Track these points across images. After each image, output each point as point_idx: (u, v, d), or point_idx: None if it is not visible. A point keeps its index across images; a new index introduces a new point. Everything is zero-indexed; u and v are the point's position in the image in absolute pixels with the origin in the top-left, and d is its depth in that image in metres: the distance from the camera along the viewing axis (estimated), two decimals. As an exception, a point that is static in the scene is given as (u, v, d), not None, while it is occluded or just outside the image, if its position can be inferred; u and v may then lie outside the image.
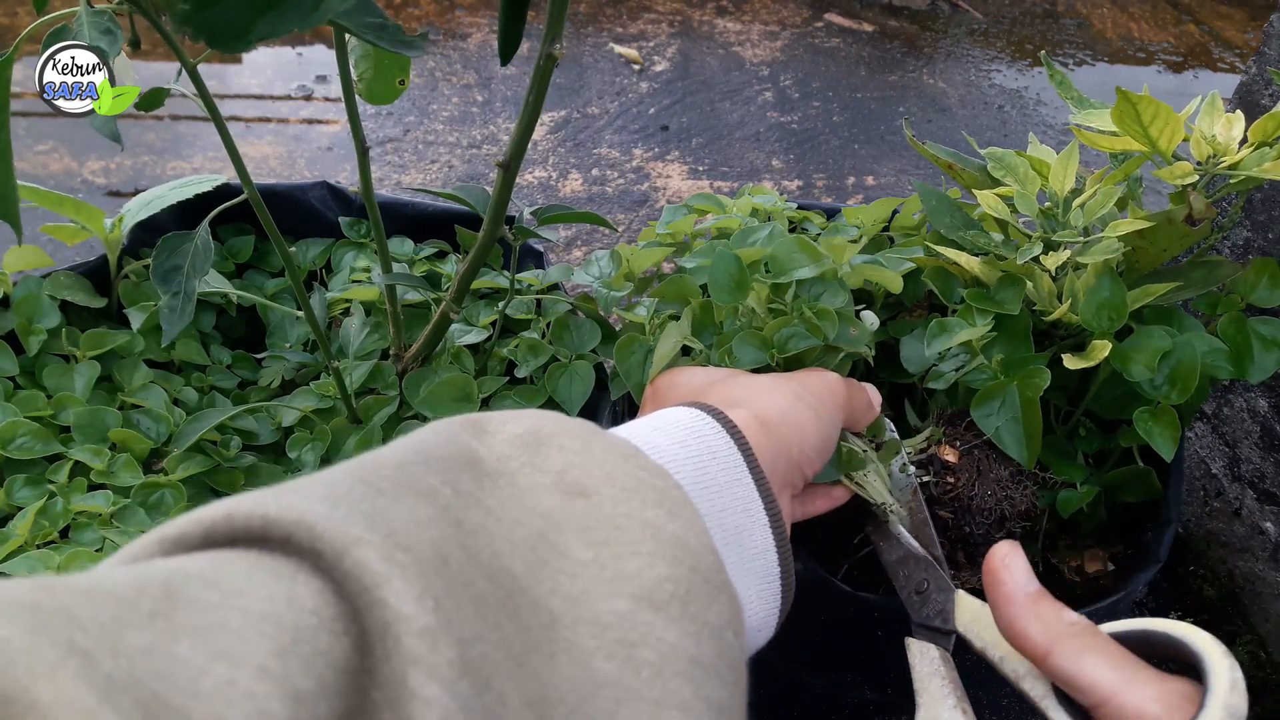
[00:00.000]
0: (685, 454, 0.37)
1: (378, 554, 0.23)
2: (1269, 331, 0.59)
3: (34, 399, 0.71)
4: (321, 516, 0.23)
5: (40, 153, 1.48)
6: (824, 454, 0.45)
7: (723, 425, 0.39)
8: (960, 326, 0.57)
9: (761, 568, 0.37)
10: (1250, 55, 1.67)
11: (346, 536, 0.23)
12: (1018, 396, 0.55)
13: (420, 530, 0.25)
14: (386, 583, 0.22)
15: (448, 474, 0.28)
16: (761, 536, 0.37)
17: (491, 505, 0.28)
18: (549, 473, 0.31)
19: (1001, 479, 0.60)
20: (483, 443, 0.31)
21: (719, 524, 0.36)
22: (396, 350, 0.77)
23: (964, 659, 0.43)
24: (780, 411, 0.43)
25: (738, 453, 0.38)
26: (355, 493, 0.25)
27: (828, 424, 0.45)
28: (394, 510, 0.25)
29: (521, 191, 1.55)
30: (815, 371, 0.49)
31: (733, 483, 0.37)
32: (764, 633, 0.38)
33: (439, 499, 0.26)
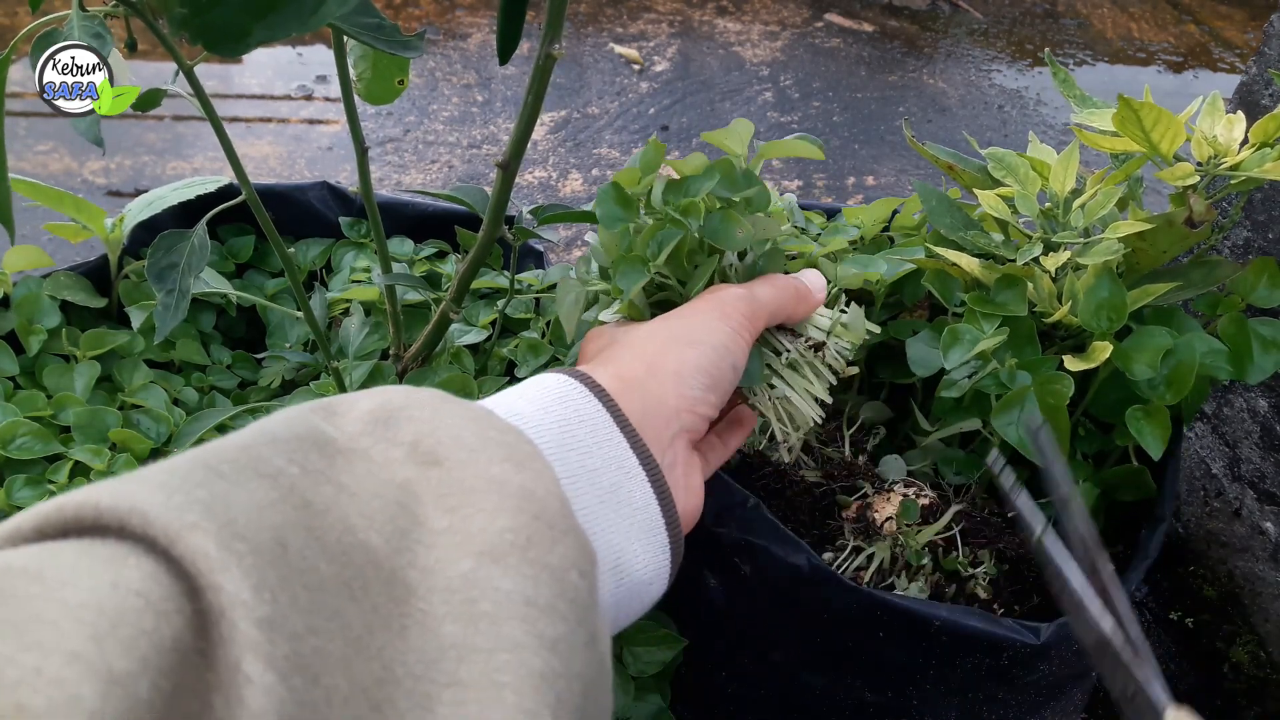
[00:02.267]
0: (550, 419, 0.37)
1: (214, 541, 0.23)
2: (1269, 332, 0.59)
3: (34, 399, 0.71)
4: (156, 504, 0.23)
5: (40, 153, 1.48)
6: (716, 386, 0.44)
7: (588, 387, 0.40)
8: (972, 334, 0.57)
9: (644, 521, 0.38)
10: (1250, 55, 1.67)
11: (181, 522, 0.23)
12: (1038, 404, 0.55)
13: (260, 515, 0.25)
14: (224, 569, 0.22)
15: (295, 453, 0.28)
16: (641, 491, 0.38)
17: (345, 481, 0.28)
18: (402, 444, 0.31)
19: (994, 524, 0.60)
20: (333, 423, 0.31)
21: (592, 483, 0.37)
22: (396, 350, 0.77)
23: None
24: (648, 362, 0.43)
25: (605, 413, 0.39)
26: (194, 477, 0.25)
27: (715, 352, 0.44)
28: (234, 494, 0.25)
29: (521, 191, 1.55)
30: (703, 296, 0.48)
31: (603, 442, 0.38)
32: (656, 585, 0.39)
33: (284, 479, 0.27)
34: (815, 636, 0.57)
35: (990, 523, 0.61)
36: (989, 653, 0.53)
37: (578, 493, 0.36)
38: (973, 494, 0.63)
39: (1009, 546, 0.60)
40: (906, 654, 0.54)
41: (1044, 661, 0.54)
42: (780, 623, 0.59)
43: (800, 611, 0.57)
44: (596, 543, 0.36)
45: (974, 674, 0.54)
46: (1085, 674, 0.60)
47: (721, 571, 0.61)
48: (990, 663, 0.53)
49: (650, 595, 0.39)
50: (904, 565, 0.58)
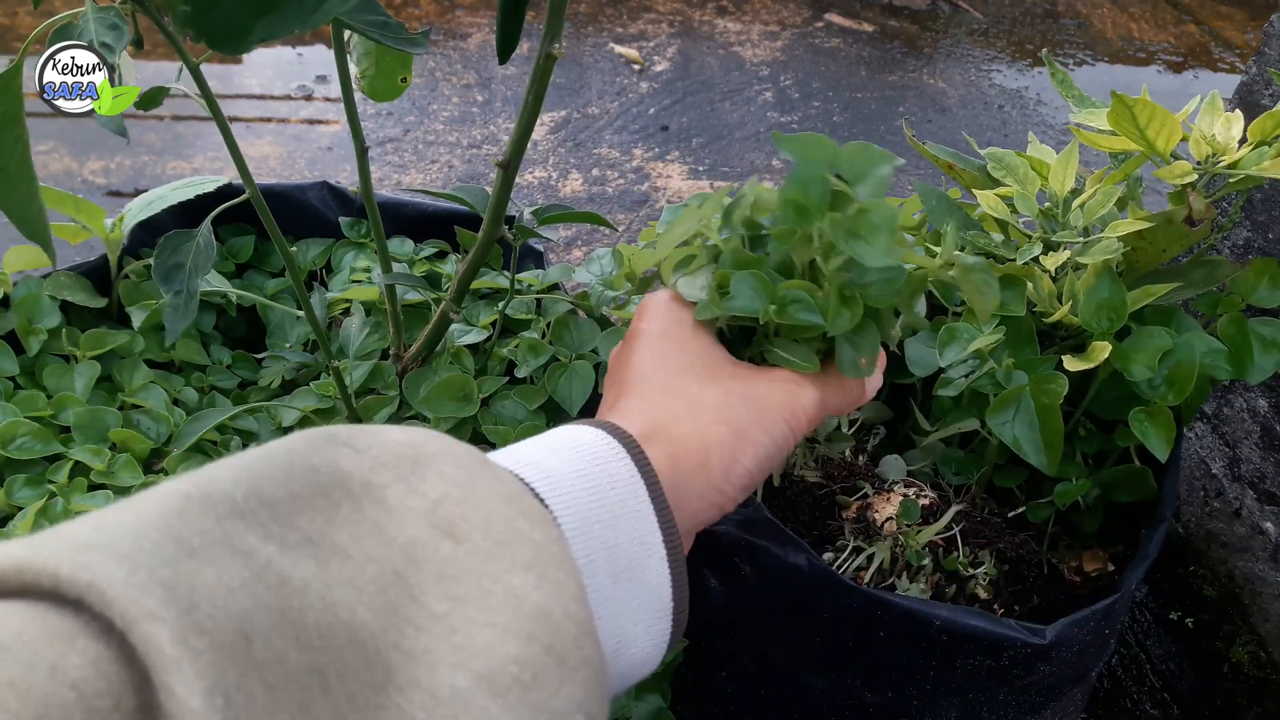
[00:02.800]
0: (582, 486, 0.35)
1: (170, 633, 0.21)
2: (1269, 332, 0.59)
3: (34, 399, 0.71)
4: (116, 581, 0.22)
5: (40, 153, 1.48)
6: (757, 478, 0.41)
7: (627, 450, 0.37)
8: (969, 333, 0.57)
9: (654, 602, 0.36)
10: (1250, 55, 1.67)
11: (140, 608, 0.22)
12: (1033, 403, 0.55)
13: (228, 599, 0.23)
14: (176, 668, 0.21)
15: (283, 519, 0.26)
16: (657, 571, 0.36)
17: (341, 541, 0.27)
18: (423, 497, 0.29)
19: (994, 524, 0.60)
20: (354, 451, 0.29)
21: (610, 559, 0.35)
22: (396, 350, 0.77)
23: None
24: (705, 448, 0.39)
25: (640, 482, 0.36)
26: (162, 553, 0.23)
27: (771, 458, 0.41)
28: (201, 576, 0.23)
29: (521, 191, 1.55)
30: (783, 381, 0.43)
31: (631, 514, 0.36)
32: (648, 666, 0.37)
33: (258, 558, 0.25)
34: (815, 636, 0.57)
35: (990, 523, 0.61)
36: (990, 653, 0.53)
37: (594, 572, 0.34)
38: (973, 494, 0.63)
39: (1009, 547, 0.60)
40: (907, 654, 0.54)
41: (1045, 662, 0.54)
42: (780, 623, 0.59)
43: (800, 611, 0.57)
44: (601, 626, 0.34)
45: (974, 674, 0.54)
46: (1085, 674, 0.60)
47: (721, 571, 0.61)
48: (991, 663, 0.53)
49: (639, 675, 0.37)
50: (904, 565, 0.58)
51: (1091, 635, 0.54)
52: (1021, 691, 0.57)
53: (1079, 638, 0.53)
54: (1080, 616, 0.53)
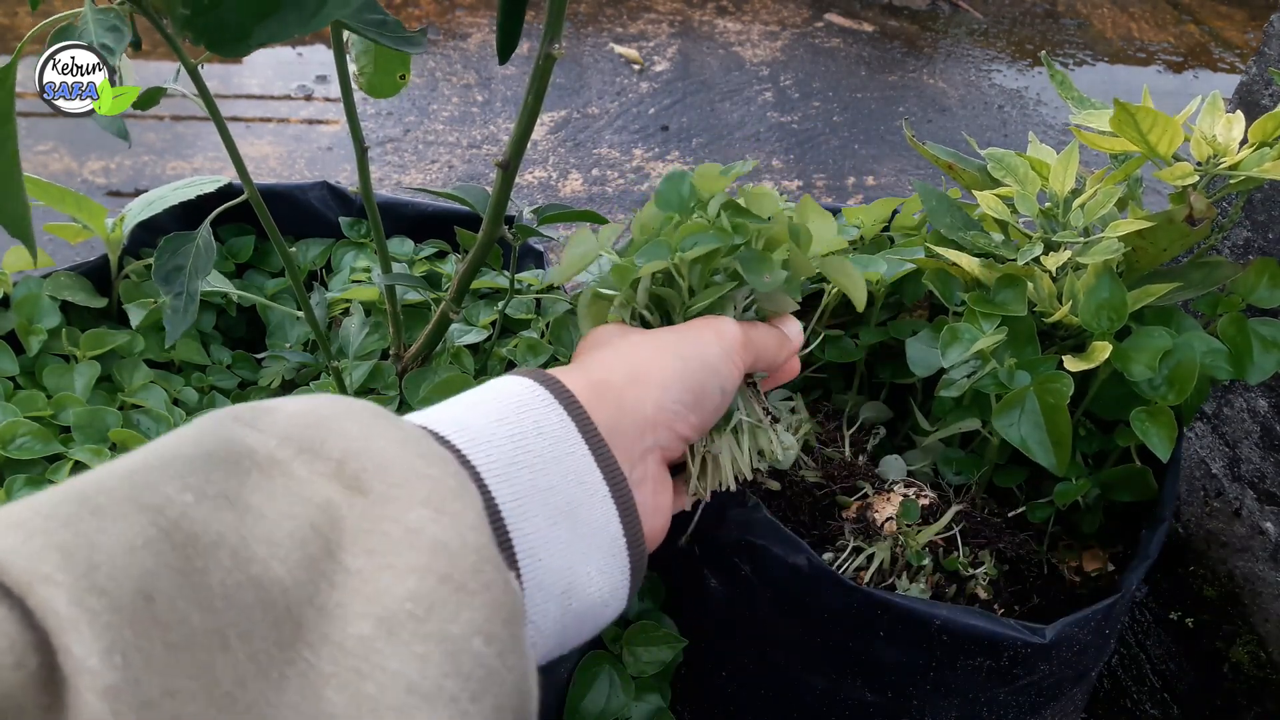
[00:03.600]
0: (503, 432, 0.35)
1: (65, 596, 0.21)
2: (1269, 332, 0.59)
3: (34, 399, 0.71)
4: (8, 550, 0.22)
5: (40, 153, 1.48)
6: (699, 405, 0.42)
7: (554, 394, 0.38)
8: (971, 333, 0.57)
9: (603, 540, 0.37)
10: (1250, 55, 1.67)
11: (34, 573, 0.22)
12: (1038, 403, 0.55)
13: (130, 558, 0.23)
14: (73, 628, 0.21)
15: (195, 475, 0.26)
16: (602, 508, 0.37)
17: (254, 502, 0.27)
18: (328, 460, 0.29)
19: (994, 524, 0.60)
20: (256, 431, 0.29)
21: (544, 503, 0.35)
22: (396, 350, 0.77)
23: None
24: (631, 368, 0.41)
25: (570, 423, 0.37)
26: (61, 514, 0.24)
27: (704, 370, 0.43)
28: (104, 534, 0.23)
29: (521, 191, 1.55)
30: (700, 319, 0.47)
31: (564, 456, 0.36)
32: (612, 606, 0.38)
33: (170, 511, 0.25)
34: (815, 636, 0.57)
35: (990, 523, 0.61)
36: (990, 653, 0.53)
37: (526, 515, 0.34)
38: (973, 494, 0.63)
39: (1009, 547, 0.60)
40: (907, 654, 0.54)
41: (1045, 662, 0.54)
42: (780, 622, 0.59)
43: (801, 611, 0.57)
44: (539, 570, 0.34)
45: (974, 674, 0.54)
46: (1085, 674, 0.60)
47: (721, 571, 0.61)
48: (991, 663, 0.53)
49: (606, 615, 0.38)
50: (904, 565, 0.58)
51: (1092, 635, 0.54)
52: (1022, 691, 0.57)
53: (1079, 637, 0.53)
54: (1080, 616, 0.53)
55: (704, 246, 0.47)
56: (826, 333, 0.67)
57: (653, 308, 0.51)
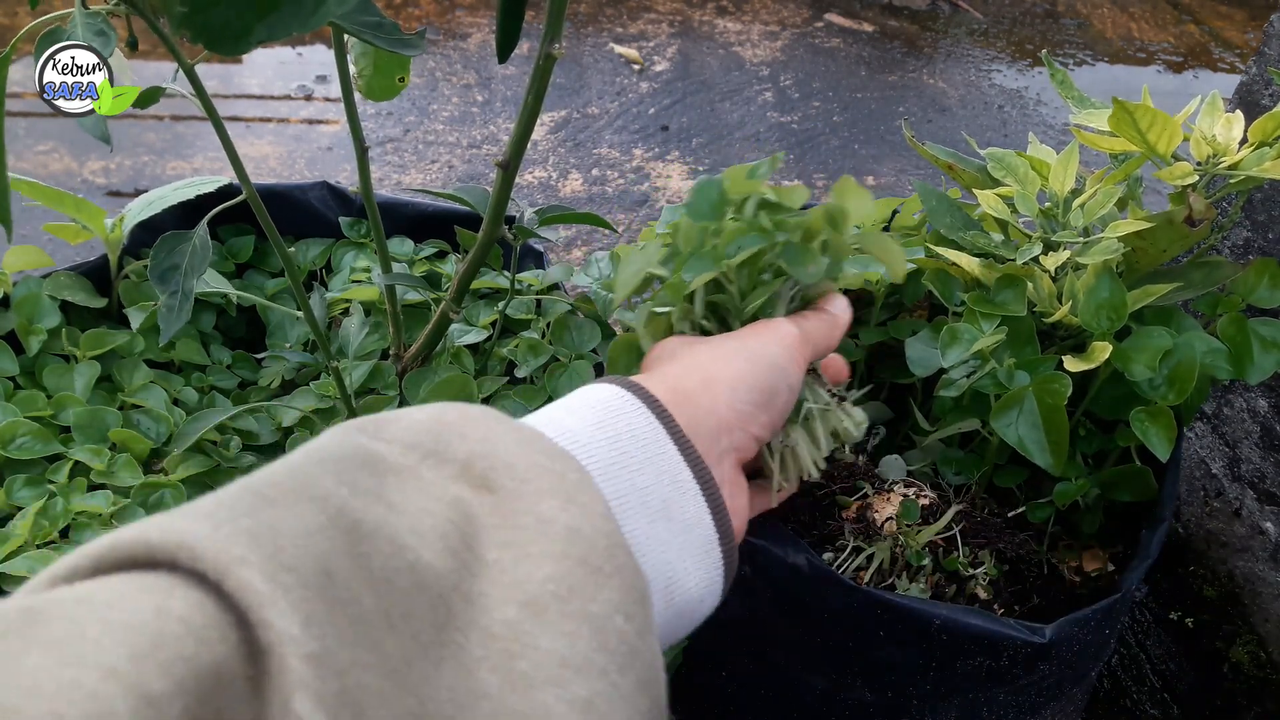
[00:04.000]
0: (601, 436, 0.37)
1: (260, 574, 0.23)
2: (1269, 333, 0.59)
3: (34, 399, 0.71)
4: (202, 537, 0.23)
5: (40, 153, 1.48)
6: (769, 404, 0.44)
7: (642, 400, 0.39)
8: (971, 333, 0.57)
9: (699, 537, 0.38)
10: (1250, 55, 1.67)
11: (229, 555, 0.23)
12: (1036, 403, 0.55)
13: (307, 541, 0.25)
14: (271, 603, 0.22)
15: (345, 473, 0.28)
16: (694, 506, 0.38)
17: (395, 500, 0.28)
18: (454, 463, 0.31)
19: (994, 524, 0.60)
20: (381, 440, 0.31)
21: (642, 502, 0.36)
22: (396, 350, 0.77)
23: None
24: (703, 374, 0.42)
25: (659, 426, 0.38)
26: (242, 504, 0.25)
27: (771, 370, 0.44)
28: (282, 520, 0.25)
29: (521, 191, 1.55)
30: (760, 324, 0.48)
31: (655, 457, 0.38)
32: (708, 601, 0.39)
33: (334, 501, 0.27)
34: (815, 636, 0.57)
35: (990, 523, 0.61)
36: (990, 652, 0.53)
37: (628, 514, 0.36)
38: (972, 494, 0.63)
39: (1009, 547, 0.60)
40: (906, 653, 0.54)
41: (1045, 661, 0.54)
42: (780, 622, 0.59)
43: (800, 611, 0.57)
44: (646, 565, 0.36)
45: (974, 674, 0.54)
46: (1085, 675, 0.60)
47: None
48: (991, 663, 0.53)
49: (702, 612, 0.39)
50: (904, 565, 0.58)
51: (1092, 635, 0.54)
52: (1021, 691, 0.57)
53: (1079, 637, 0.53)
54: (1080, 616, 0.53)
55: (749, 249, 0.48)
56: (826, 333, 0.67)
57: (710, 315, 0.52)
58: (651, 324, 0.54)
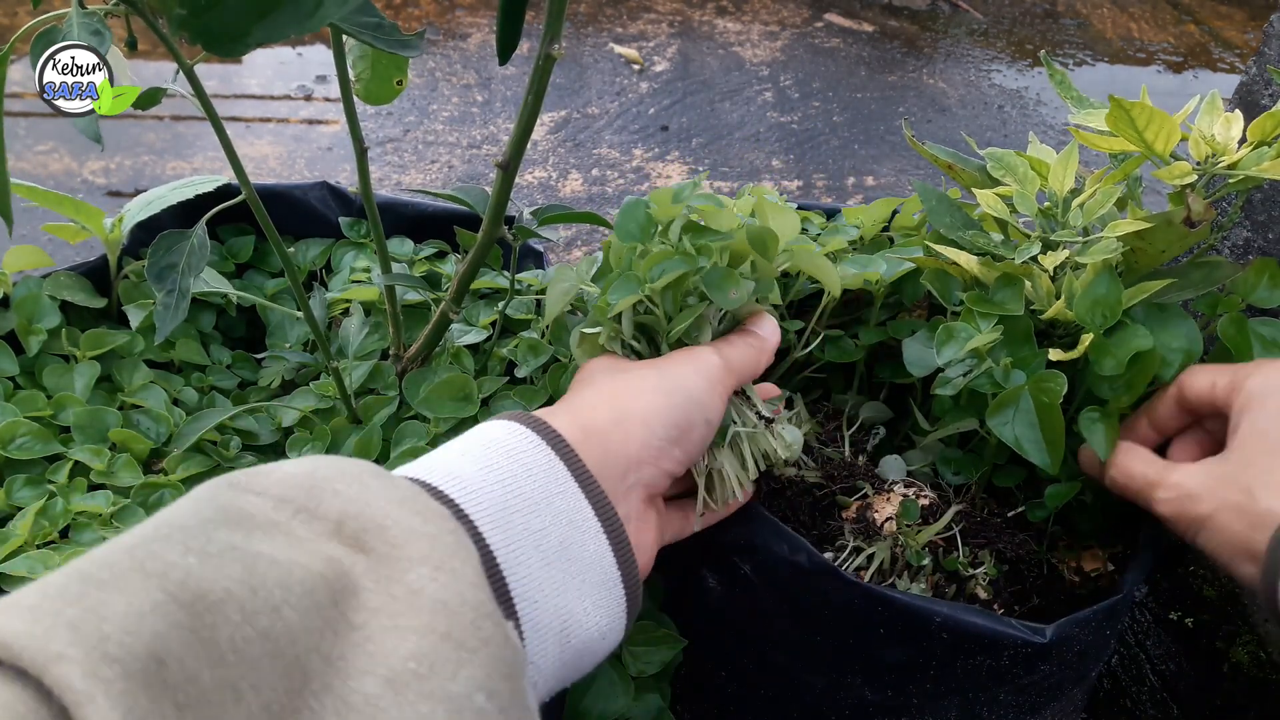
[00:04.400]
0: (493, 478, 0.36)
1: (79, 670, 0.22)
2: (1269, 332, 0.59)
3: (34, 399, 0.71)
4: (19, 634, 0.23)
5: (40, 153, 1.48)
6: (683, 439, 0.43)
7: (544, 437, 0.39)
8: (967, 332, 0.57)
9: (598, 575, 0.37)
10: (1250, 55, 1.67)
11: (46, 654, 0.22)
12: (1032, 402, 0.55)
13: (139, 624, 0.24)
14: (89, 700, 0.22)
15: (196, 539, 0.27)
16: (595, 544, 0.37)
17: (265, 550, 0.28)
18: (326, 520, 0.30)
19: (994, 524, 0.60)
20: (251, 494, 0.30)
21: (536, 545, 0.36)
22: (396, 350, 0.77)
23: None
24: (616, 408, 0.42)
25: (559, 464, 0.38)
26: (69, 592, 0.24)
27: (687, 405, 0.44)
28: (110, 606, 0.24)
29: (521, 191, 1.55)
30: (682, 352, 0.48)
31: (554, 496, 0.37)
32: (610, 638, 0.38)
33: (174, 575, 0.26)
34: (815, 635, 0.57)
35: (990, 523, 0.61)
36: (990, 652, 0.53)
37: (519, 560, 0.35)
38: (972, 494, 0.63)
39: (1009, 547, 0.60)
40: (907, 652, 0.54)
41: (1045, 661, 0.54)
42: (780, 621, 0.59)
43: (801, 609, 0.57)
44: (539, 610, 0.35)
45: (975, 673, 0.54)
46: (1086, 675, 0.60)
47: (721, 571, 0.61)
48: (991, 663, 0.53)
49: (604, 648, 0.39)
50: (904, 565, 0.58)
51: (1092, 635, 0.54)
52: (1022, 692, 0.57)
53: (1080, 638, 0.53)
54: (1081, 616, 0.53)
55: (670, 274, 0.48)
56: (826, 333, 0.67)
57: (639, 336, 0.52)
58: (584, 344, 0.54)
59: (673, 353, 0.49)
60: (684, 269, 0.48)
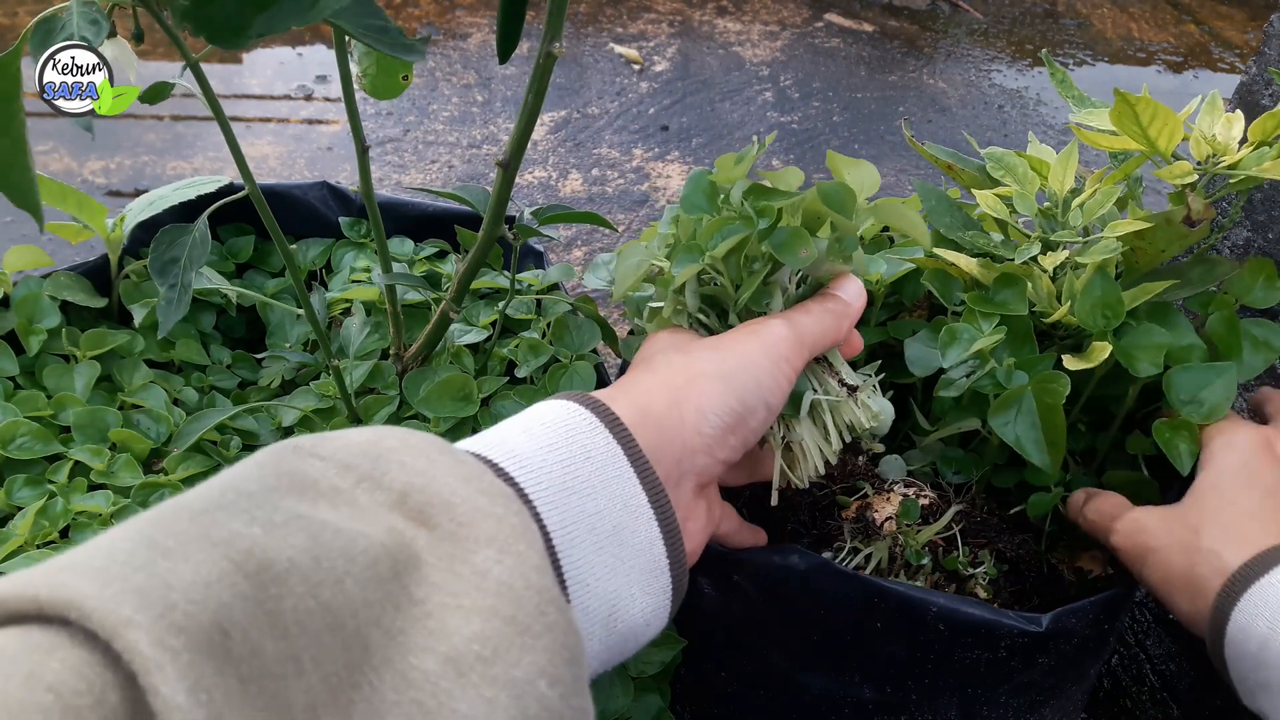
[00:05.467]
0: (553, 459, 0.36)
1: (148, 637, 0.22)
2: (1261, 333, 0.59)
3: (34, 399, 0.71)
4: (90, 596, 0.23)
5: (40, 153, 1.48)
6: (740, 426, 0.42)
7: (602, 419, 0.38)
8: (970, 333, 0.57)
9: (647, 561, 0.37)
10: (1250, 55, 1.67)
11: (116, 617, 0.22)
12: (1034, 403, 0.55)
13: (205, 594, 0.24)
14: (158, 669, 0.22)
15: (261, 508, 0.27)
16: (646, 531, 0.37)
17: (330, 519, 0.28)
18: (389, 490, 0.30)
19: (993, 524, 0.60)
20: (317, 459, 0.30)
21: (590, 528, 0.36)
22: (397, 350, 0.77)
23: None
24: (673, 393, 0.41)
25: (616, 447, 0.38)
26: (136, 559, 0.24)
27: (747, 389, 0.42)
28: (177, 574, 0.24)
29: (521, 191, 1.55)
30: (747, 326, 0.46)
31: (611, 480, 0.37)
32: (654, 626, 0.38)
33: (239, 544, 0.26)
34: (813, 634, 0.57)
35: (990, 523, 0.61)
36: (987, 643, 0.53)
37: (573, 542, 0.35)
38: (973, 494, 0.63)
39: (1009, 547, 0.60)
40: (904, 646, 0.54)
41: (1043, 653, 0.54)
42: (777, 624, 0.59)
43: (797, 610, 0.57)
44: (589, 593, 0.35)
45: (973, 667, 0.54)
46: (1085, 673, 0.60)
47: (713, 576, 0.61)
48: (989, 655, 0.53)
49: (647, 635, 0.38)
50: (903, 564, 0.58)
51: (1090, 630, 0.54)
52: (1022, 690, 0.57)
53: (1077, 630, 0.53)
54: (1078, 606, 0.53)
55: (730, 240, 0.46)
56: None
57: (706, 310, 0.50)
58: (652, 318, 0.52)
59: (737, 328, 0.46)
60: (744, 233, 0.46)
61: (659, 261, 0.51)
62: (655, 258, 0.51)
